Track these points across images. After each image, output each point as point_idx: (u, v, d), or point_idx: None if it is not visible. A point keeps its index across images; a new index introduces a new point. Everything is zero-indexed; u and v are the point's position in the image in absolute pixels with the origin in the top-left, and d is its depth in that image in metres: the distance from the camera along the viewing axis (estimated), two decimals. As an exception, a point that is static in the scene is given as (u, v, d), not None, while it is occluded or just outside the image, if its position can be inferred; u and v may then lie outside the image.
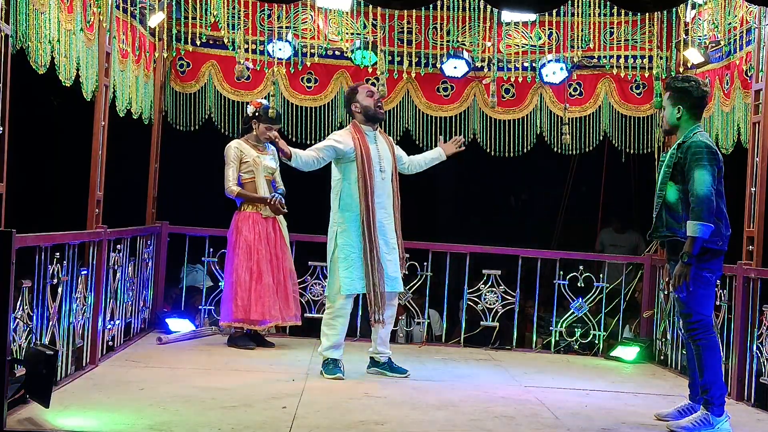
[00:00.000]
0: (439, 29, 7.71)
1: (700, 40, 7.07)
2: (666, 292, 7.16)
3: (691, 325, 4.83)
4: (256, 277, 6.75)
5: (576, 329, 7.73)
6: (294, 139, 7.82)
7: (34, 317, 4.80)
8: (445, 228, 12.80)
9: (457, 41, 7.66)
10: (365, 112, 5.97)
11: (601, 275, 7.72)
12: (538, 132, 7.88)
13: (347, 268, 5.81)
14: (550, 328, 7.78)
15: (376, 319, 5.85)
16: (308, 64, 7.63)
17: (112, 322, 6.19)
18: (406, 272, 7.52)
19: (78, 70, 5.52)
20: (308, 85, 7.81)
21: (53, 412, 4.36)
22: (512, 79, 7.79)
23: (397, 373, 6.00)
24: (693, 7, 7.07)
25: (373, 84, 7.42)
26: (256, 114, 6.91)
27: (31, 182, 9.19)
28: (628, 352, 7.32)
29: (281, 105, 7.75)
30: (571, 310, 7.71)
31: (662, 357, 7.22)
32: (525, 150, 7.91)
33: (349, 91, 6.12)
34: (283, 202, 6.87)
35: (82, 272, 5.49)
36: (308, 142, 7.72)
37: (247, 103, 7.17)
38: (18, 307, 4.54)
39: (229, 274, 6.84)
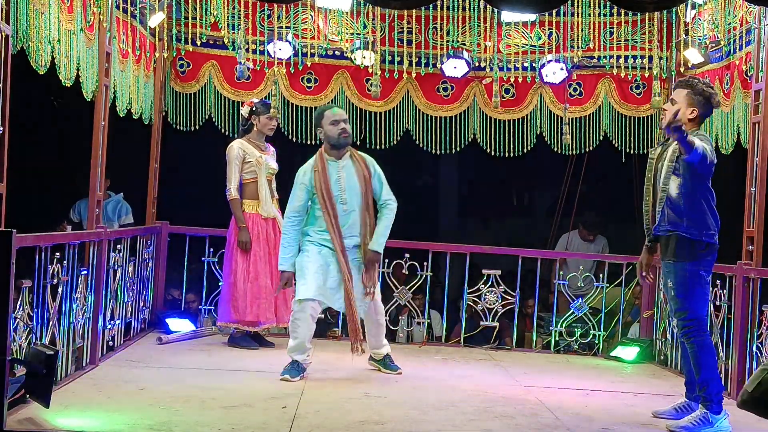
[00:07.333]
0: (439, 29, 7.70)
1: (700, 40, 7.06)
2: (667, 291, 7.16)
3: (685, 323, 4.85)
4: (253, 278, 6.75)
5: (576, 329, 7.73)
6: (294, 139, 7.82)
7: (34, 317, 4.80)
8: (446, 228, 12.82)
9: (457, 41, 7.65)
10: (328, 140, 5.89)
11: (601, 275, 7.72)
12: (538, 132, 7.87)
13: (302, 276, 5.81)
14: (550, 328, 7.78)
15: (354, 346, 5.88)
16: (308, 64, 7.62)
17: (112, 322, 6.19)
18: (407, 272, 7.57)
19: (78, 70, 5.52)
20: (308, 85, 7.81)
21: (53, 412, 4.36)
22: (512, 79, 7.80)
23: (389, 370, 6.06)
24: (693, 7, 7.06)
25: (372, 84, 7.47)
26: (254, 109, 6.91)
27: (31, 182, 9.19)
28: (628, 352, 7.32)
29: (281, 105, 7.74)
30: (571, 310, 7.71)
31: (662, 357, 7.22)
32: (525, 150, 7.91)
33: (317, 114, 6.04)
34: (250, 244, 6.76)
35: (82, 272, 5.49)
36: (308, 143, 7.72)
37: (242, 103, 7.18)
38: (18, 307, 4.54)
39: (227, 275, 6.84)
